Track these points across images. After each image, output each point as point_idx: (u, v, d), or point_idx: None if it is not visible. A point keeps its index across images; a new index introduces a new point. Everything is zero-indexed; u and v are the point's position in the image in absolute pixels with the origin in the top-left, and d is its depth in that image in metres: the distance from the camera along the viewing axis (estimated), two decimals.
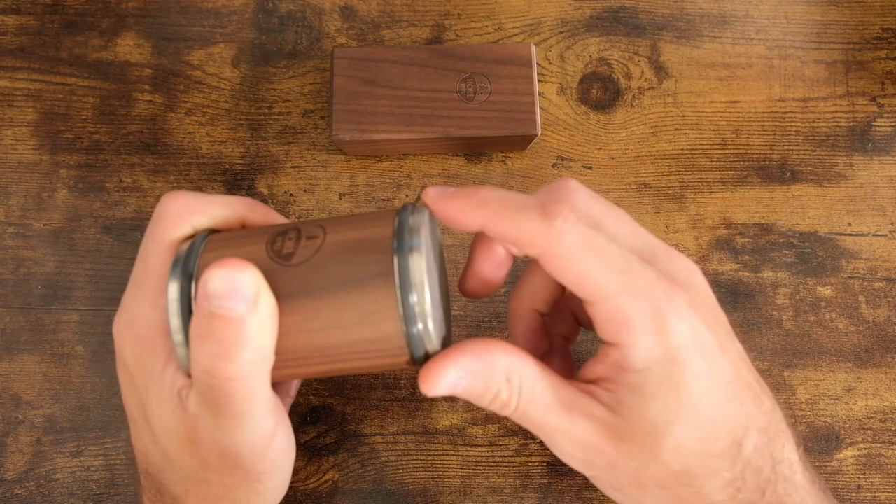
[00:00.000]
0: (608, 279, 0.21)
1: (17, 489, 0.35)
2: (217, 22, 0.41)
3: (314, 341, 0.22)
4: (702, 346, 0.21)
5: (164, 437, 0.23)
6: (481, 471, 0.35)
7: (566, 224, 0.20)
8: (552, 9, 0.42)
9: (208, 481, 0.24)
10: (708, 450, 0.22)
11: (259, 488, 0.24)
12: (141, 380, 0.23)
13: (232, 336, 0.20)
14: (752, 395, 0.23)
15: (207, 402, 0.22)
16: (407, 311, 0.21)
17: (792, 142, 0.40)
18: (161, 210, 0.24)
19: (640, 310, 0.21)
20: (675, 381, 0.21)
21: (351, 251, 0.22)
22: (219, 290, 0.20)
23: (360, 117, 0.36)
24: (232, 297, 0.20)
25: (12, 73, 0.40)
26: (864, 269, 0.38)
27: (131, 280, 0.25)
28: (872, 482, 0.36)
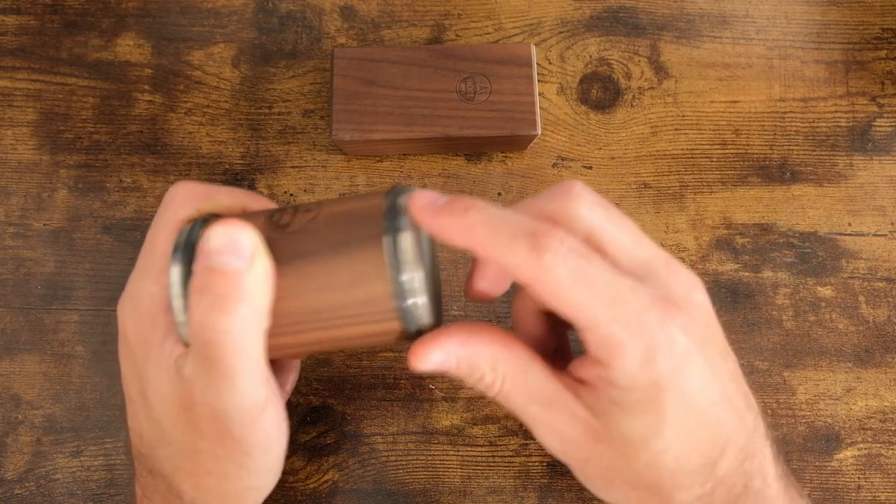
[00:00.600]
0: (599, 310, 0.21)
1: (17, 489, 0.35)
2: (217, 22, 0.41)
3: (308, 304, 0.23)
4: (691, 371, 0.22)
5: (159, 406, 0.24)
6: (481, 471, 0.35)
7: (556, 258, 0.20)
8: (552, 9, 0.42)
9: (199, 452, 0.24)
10: (681, 467, 0.22)
11: (249, 464, 0.24)
12: (141, 353, 0.24)
13: (229, 289, 0.21)
14: (735, 416, 0.23)
15: (201, 360, 0.22)
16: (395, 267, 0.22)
17: (792, 142, 0.40)
18: (169, 195, 0.26)
19: (631, 339, 0.21)
20: (658, 404, 0.21)
21: (344, 219, 0.23)
22: (218, 246, 0.21)
23: (360, 117, 0.36)
24: (230, 253, 0.21)
25: (12, 73, 0.40)
26: (864, 269, 0.38)
27: (138, 261, 0.25)
28: (872, 482, 0.36)
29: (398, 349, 0.37)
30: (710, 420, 0.22)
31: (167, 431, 0.24)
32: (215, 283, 0.21)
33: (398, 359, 0.37)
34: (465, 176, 0.39)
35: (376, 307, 0.22)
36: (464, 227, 0.21)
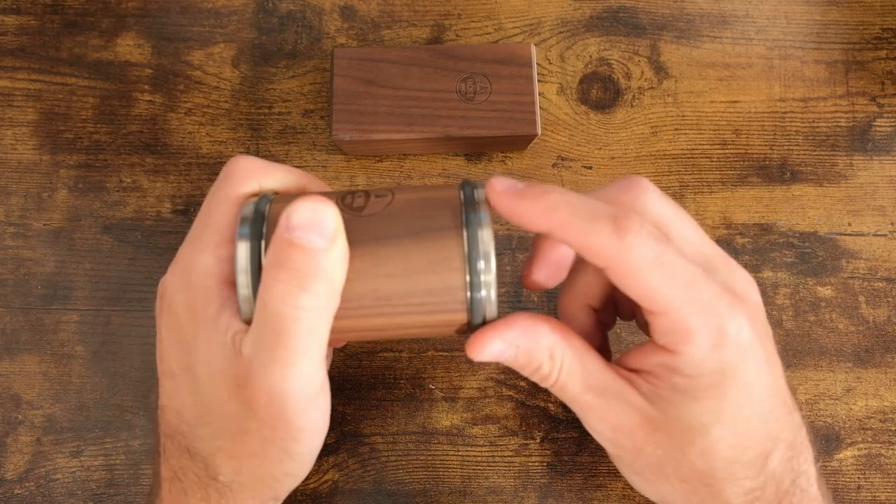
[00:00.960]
0: (675, 293, 0.21)
1: (17, 489, 0.35)
2: (217, 22, 0.41)
3: (380, 287, 0.23)
4: (753, 360, 0.22)
5: (208, 382, 0.23)
6: (481, 471, 0.35)
7: (638, 239, 0.21)
8: (552, 9, 0.42)
9: (246, 432, 0.23)
10: (736, 457, 0.23)
11: (294, 449, 0.24)
12: (191, 327, 0.24)
13: (310, 266, 0.21)
14: (786, 411, 0.24)
15: (268, 337, 0.22)
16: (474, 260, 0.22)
17: (792, 142, 0.40)
18: (229, 169, 0.25)
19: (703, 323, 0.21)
20: (723, 390, 0.22)
21: (421, 206, 0.23)
22: (302, 222, 0.21)
23: (360, 117, 0.36)
24: (314, 229, 0.21)
25: (12, 73, 0.40)
26: (864, 269, 0.38)
27: (190, 234, 0.25)
28: (872, 482, 0.36)
29: (397, 348, 0.37)
30: (765, 411, 0.23)
31: (214, 409, 0.23)
32: (296, 258, 0.21)
33: (398, 359, 0.37)
34: (464, 176, 0.39)
35: (448, 297, 0.23)
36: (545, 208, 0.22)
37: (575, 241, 0.22)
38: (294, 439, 0.23)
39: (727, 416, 0.22)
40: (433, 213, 0.23)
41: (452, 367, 0.37)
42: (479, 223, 0.22)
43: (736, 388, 0.22)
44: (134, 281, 0.38)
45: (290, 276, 0.21)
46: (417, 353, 0.37)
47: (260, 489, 0.25)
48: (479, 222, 0.22)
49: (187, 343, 0.24)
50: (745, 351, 0.22)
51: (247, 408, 0.23)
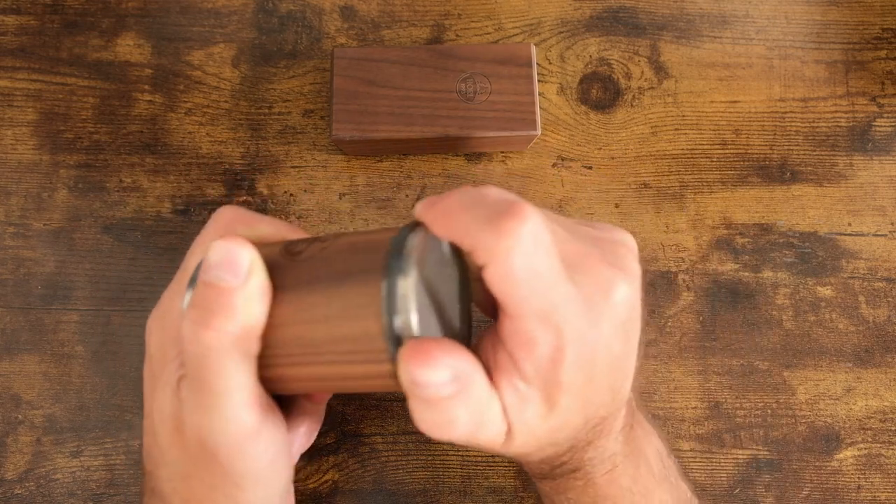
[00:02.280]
0: (532, 304, 0.20)
1: (17, 489, 0.35)
2: (217, 22, 0.41)
3: (303, 334, 0.22)
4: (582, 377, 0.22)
5: (159, 425, 0.23)
6: (481, 471, 0.35)
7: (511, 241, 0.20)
8: (552, 9, 0.42)
9: (191, 477, 0.23)
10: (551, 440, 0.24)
11: (239, 496, 0.23)
12: (158, 366, 0.24)
13: (217, 304, 0.21)
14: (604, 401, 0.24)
15: (192, 379, 0.22)
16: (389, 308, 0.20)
17: (792, 142, 0.40)
18: (213, 218, 0.26)
19: (546, 343, 0.21)
20: (551, 402, 0.22)
21: (351, 249, 0.22)
22: (216, 261, 0.21)
23: (360, 117, 0.36)
24: (225, 269, 0.21)
25: (12, 73, 0.40)
26: (864, 269, 0.38)
27: (173, 280, 0.26)
28: (872, 482, 0.36)
29: None
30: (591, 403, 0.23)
31: (164, 452, 0.24)
32: (207, 297, 0.21)
33: None
34: (465, 176, 0.39)
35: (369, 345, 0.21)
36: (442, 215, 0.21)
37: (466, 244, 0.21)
38: (237, 485, 0.23)
39: (554, 418, 0.22)
40: (359, 257, 0.22)
41: None
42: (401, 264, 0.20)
43: (568, 397, 0.22)
44: (134, 281, 0.38)
45: (198, 314, 0.21)
46: None
47: None
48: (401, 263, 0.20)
49: (154, 385, 0.24)
50: (579, 367, 0.22)
51: (186, 452, 0.23)
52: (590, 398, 0.23)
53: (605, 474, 0.27)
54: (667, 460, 0.29)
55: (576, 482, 0.27)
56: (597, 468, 0.27)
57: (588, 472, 0.27)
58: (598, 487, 0.27)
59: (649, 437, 0.29)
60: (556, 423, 0.23)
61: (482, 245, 0.20)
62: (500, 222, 0.20)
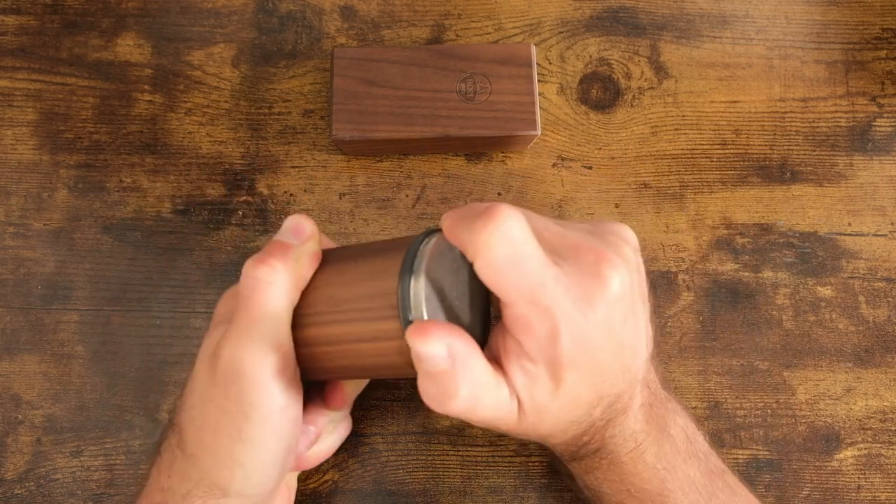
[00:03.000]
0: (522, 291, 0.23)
1: (17, 489, 0.35)
2: (217, 22, 0.41)
3: (333, 293, 0.27)
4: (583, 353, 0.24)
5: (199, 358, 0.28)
6: (481, 471, 0.35)
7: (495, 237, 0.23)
8: (552, 9, 0.42)
9: (210, 400, 0.26)
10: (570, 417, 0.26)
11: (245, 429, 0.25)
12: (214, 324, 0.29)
13: (276, 251, 0.26)
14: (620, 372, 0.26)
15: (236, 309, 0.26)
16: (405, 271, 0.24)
17: (792, 142, 0.40)
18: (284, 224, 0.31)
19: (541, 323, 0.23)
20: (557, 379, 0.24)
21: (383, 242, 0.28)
22: (287, 226, 0.27)
23: (360, 117, 0.36)
24: (292, 232, 0.27)
25: (12, 73, 0.40)
26: (864, 269, 0.38)
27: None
28: (872, 482, 0.36)
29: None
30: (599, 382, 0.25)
31: (195, 377, 0.27)
32: (271, 248, 0.26)
33: None
34: (465, 176, 0.39)
35: (384, 301, 0.25)
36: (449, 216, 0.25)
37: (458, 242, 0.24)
38: (246, 416, 0.25)
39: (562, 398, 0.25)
40: (394, 242, 0.27)
41: None
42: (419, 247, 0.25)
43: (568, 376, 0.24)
44: (134, 281, 0.38)
45: (259, 255, 0.26)
46: None
47: (209, 469, 0.26)
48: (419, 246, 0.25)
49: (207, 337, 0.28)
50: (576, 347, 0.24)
51: (212, 375, 0.26)
52: (598, 375, 0.25)
53: (628, 452, 0.28)
54: (694, 436, 0.30)
55: (601, 461, 0.29)
56: (619, 447, 0.28)
57: (611, 451, 0.28)
58: (623, 465, 0.28)
59: (674, 416, 0.30)
60: (567, 400, 0.25)
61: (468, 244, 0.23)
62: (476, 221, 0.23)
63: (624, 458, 0.28)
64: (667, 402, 0.30)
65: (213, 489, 0.26)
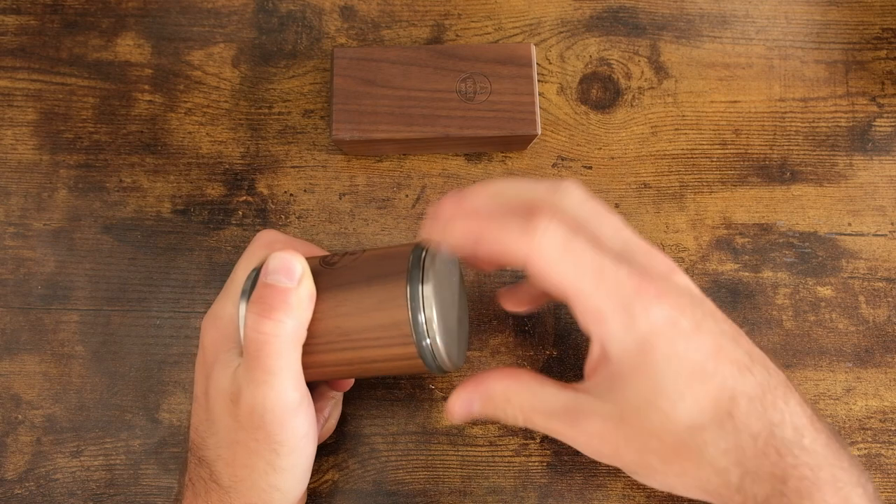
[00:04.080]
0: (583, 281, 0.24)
1: (17, 489, 0.35)
2: (217, 22, 0.41)
3: (340, 325, 0.27)
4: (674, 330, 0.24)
5: (214, 398, 0.28)
6: (481, 471, 0.35)
7: (545, 236, 0.23)
8: (552, 9, 0.42)
9: (237, 443, 0.27)
10: (695, 421, 0.24)
11: (276, 462, 0.27)
12: (212, 358, 0.29)
13: (276, 301, 0.26)
14: (736, 368, 0.25)
15: (248, 360, 0.26)
16: (413, 300, 0.26)
17: (792, 142, 0.40)
18: (255, 239, 0.32)
19: (611, 306, 0.24)
20: (648, 364, 0.24)
21: (378, 258, 0.28)
22: (276, 267, 0.26)
23: (359, 117, 0.36)
24: (283, 273, 0.26)
25: (12, 73, 0.40)
26: (864, 269, 0.38)
27: (223, 288, 0.31)
28: (873, 482, 0.36)
29: None
30: (706, 372, 0.24)
31: (217, 422, 0.28)
32: (268, 295, 0.26)
33: None
34: (465, 176, 0.39)
35: (396, 331, 0.26)
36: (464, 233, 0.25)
37: (495, 250, 0.24)
38: (275, 452, 0.27)
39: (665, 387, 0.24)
40: (386, 263, 0.27)
41: None
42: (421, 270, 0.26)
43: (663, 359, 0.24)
44: (134, 281, 0.38)
45: (260, 308, 0.26)
46: None
47: (250, 497, 0.28)
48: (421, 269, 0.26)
49: (208, 372, 0.29)
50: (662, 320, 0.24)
51: (237, 420, 0.27)
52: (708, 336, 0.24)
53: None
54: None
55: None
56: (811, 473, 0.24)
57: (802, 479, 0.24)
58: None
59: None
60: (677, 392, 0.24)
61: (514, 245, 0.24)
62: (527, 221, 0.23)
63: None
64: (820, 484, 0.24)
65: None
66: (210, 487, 0.28)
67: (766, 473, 0.23)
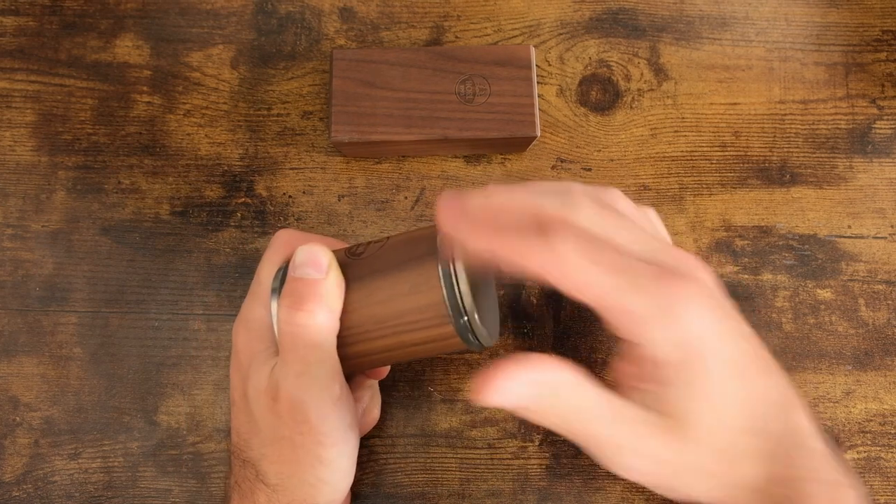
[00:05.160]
0: (612, 283, 0.23)
1: (15, 491, 0.35)
2: (216, 23, 0.41)
3: (375, 313, 0.27)
4: (710, 328, 0.23)
5: (254, 399, 0.28)
6: (480, 473, 0.35)
7: (565, 244, 0.23)
8: (551, 10, 0.42)
9: (281, 439, 0.27)
10: (736, 426, 0.24)
11: (322, 454, 0.27)
12: (246, 361, 0.29)
13: (307, 293, 0.26)
14: (764, 373, 0.25)
15: (284, 354, 0.27)
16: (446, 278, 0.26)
17: (791, 144, 0.40)
18: (273, 240, 0.31)
19: (648, 305, 0.23)
20: (693, 363, 0.23)
21: (405, 243, 0.28)
22: (303, 261, 0.27)
23: (359, 119, 0.36)
24: (310, 266, 0.26)
25: (11, 75, 0.40)
26: (864, 272, 0.38)
27: (249, 292, 0.31)
28: (872, 485, 0.35)
29: None
30: (743, 374, 0.24)
31: (258, 422, 0.28)
32: (298, 288, 0.26)
33: None
34: (464, 178, 0.39)
35: (433, 312, 0.26)
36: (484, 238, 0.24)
37: (515, 261, 0.24)
38: (321, 444, 0.27)
39: (711, 391, 0.23)
40: (414, 247, 0.27)
41: (451, 369, 0.37)
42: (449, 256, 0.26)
43: (707, 360, 0.23)
44: (132, 283, 0.38)
45: (292, 301, 0.26)
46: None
47: (298, 493, 0.28)
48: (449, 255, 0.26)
49: (244, 374, 0.29)
50: (703, 320, 0.23)
51: (279, 417, 0.27)
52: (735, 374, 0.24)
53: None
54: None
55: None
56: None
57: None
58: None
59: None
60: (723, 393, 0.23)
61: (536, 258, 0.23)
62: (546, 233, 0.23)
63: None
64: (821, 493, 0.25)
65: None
66: (257, 487, 0.28)
67: (787, 477, 0.24)
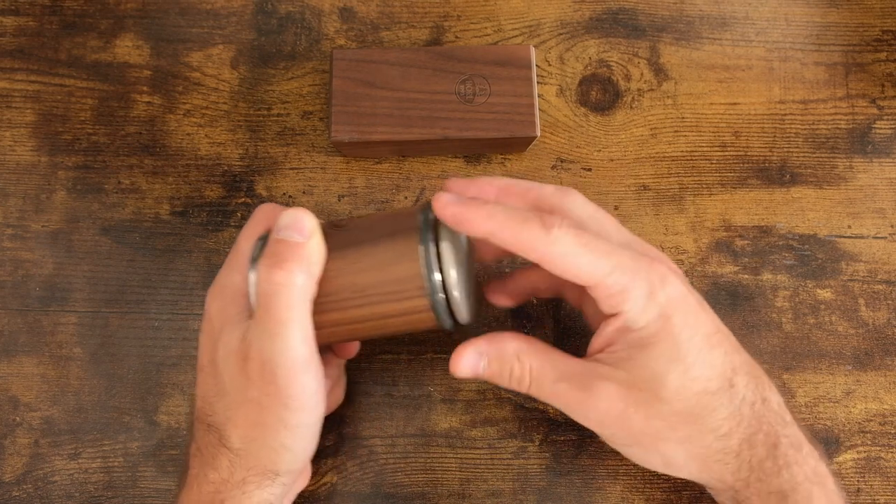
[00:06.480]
0: (601, 264, 0.26)
1: (15, 491, 0.35)
2: (216, 23, 0.41)
3: (354, 281, 0.28)
4: (685, 303, 0.27)
5: (223, 361, 0.28)
6: (480, 473, 0.35)
7: (560, 231, 0.26)
8: (552, 10, 0.42)
9: (248, 402, 0.27)
10: (705, 388, 0.27)
11: (287, 417, 0.27)
12: (218, 324, 0.29)
13: (288, 254, 0.27)
14: (732, 345, 0.28)
15: (259, 313, 0.27)
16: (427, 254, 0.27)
17: (791, 144, 0.40)
18: (255, 213, 0.32)
19: (632, 280, 0.26)
20: (668, 331, 0.26)
21: (390, 217, 0.29)
22: (287, 223, 0.27)
23: (358, 119, 0.36)
24: (293, 229, 0.27)
25: (11, 75, 0.40)
26: (864, 272, 0.38)
27: (226, 261, 0.31)
28: (872, 485, 0.35)
29: (397, 351, 0.37)
30: (713, 344, 0.27)
31: (226, 383, 0.28)
32: (280, 249, 0.27)
33: (397, 360, 0.37)
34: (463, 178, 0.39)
35: (411, 283, 0.27)
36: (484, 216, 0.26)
37: (511, 241, 0.26)
38: (286, 406, 0.27)
39: (682, 355, 0.26)
40: (399, 222, 0.28)
41: None
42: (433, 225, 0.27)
43: (680, 327, 0.26)
44: (132, 282, 0.38)
45: (272, 261, 0.27)
46: (416, 355, 0.37)
47: (260, 457, 0.28)
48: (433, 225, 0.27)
49: (215, 338, 0.29)
50: (676, 294, 0.27)
51: (248, 377, 0.27)
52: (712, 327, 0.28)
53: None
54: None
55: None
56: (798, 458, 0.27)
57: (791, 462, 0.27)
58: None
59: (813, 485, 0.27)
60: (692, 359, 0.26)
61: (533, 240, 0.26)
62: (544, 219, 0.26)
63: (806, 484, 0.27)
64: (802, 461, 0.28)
65: (266, 473, 0.28)
66: (219, 452, 0.28)
67: (760, 439, 0.27)
